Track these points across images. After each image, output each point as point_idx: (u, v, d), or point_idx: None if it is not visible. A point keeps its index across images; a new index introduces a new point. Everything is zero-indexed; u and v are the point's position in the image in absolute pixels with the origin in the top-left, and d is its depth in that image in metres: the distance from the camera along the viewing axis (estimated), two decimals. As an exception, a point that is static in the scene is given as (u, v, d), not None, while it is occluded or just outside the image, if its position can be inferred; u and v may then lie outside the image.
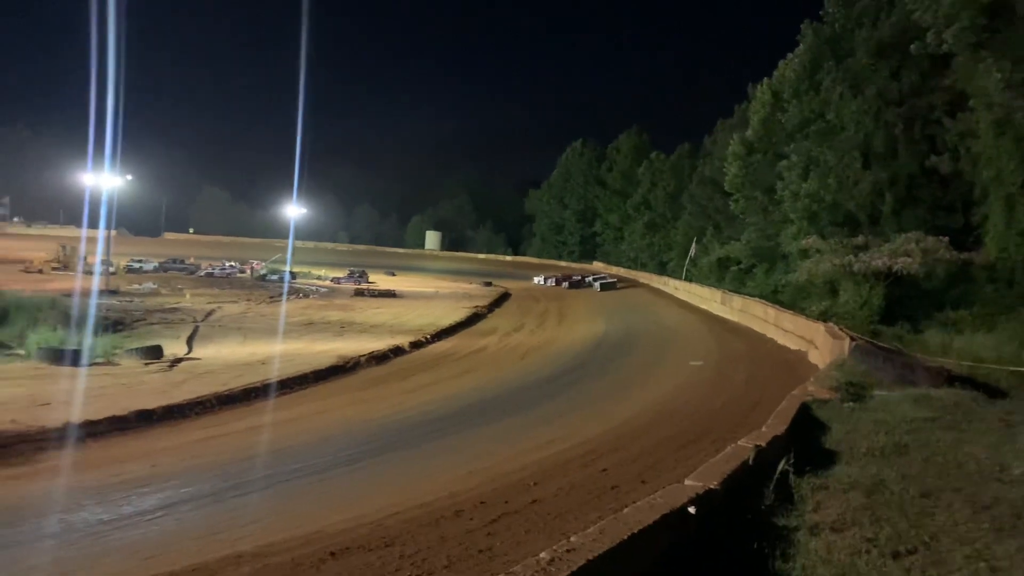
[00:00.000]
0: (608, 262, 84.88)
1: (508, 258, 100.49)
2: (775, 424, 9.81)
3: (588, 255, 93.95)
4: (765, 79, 42.58)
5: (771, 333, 30.43)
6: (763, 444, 7.95)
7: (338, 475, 11.24)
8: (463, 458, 12.31)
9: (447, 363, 23.95)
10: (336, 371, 20.88)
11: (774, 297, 37.14)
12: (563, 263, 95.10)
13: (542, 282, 66.18)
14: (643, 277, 66.73)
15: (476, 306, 40.60)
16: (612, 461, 11.64)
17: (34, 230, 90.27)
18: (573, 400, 18.09)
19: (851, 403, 13.03)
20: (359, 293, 49.04)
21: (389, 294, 48.94)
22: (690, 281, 52.42)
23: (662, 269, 67.62)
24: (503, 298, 49.38)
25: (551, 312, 41.43)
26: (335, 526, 7.77)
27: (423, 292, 53.01)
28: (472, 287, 59.25)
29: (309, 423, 15.47)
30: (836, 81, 35.86)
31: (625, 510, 5.00)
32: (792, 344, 27.30)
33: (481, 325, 34.78)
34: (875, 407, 12.67)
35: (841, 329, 23.65)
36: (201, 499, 9.73)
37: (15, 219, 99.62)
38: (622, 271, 75.24)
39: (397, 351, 24.85)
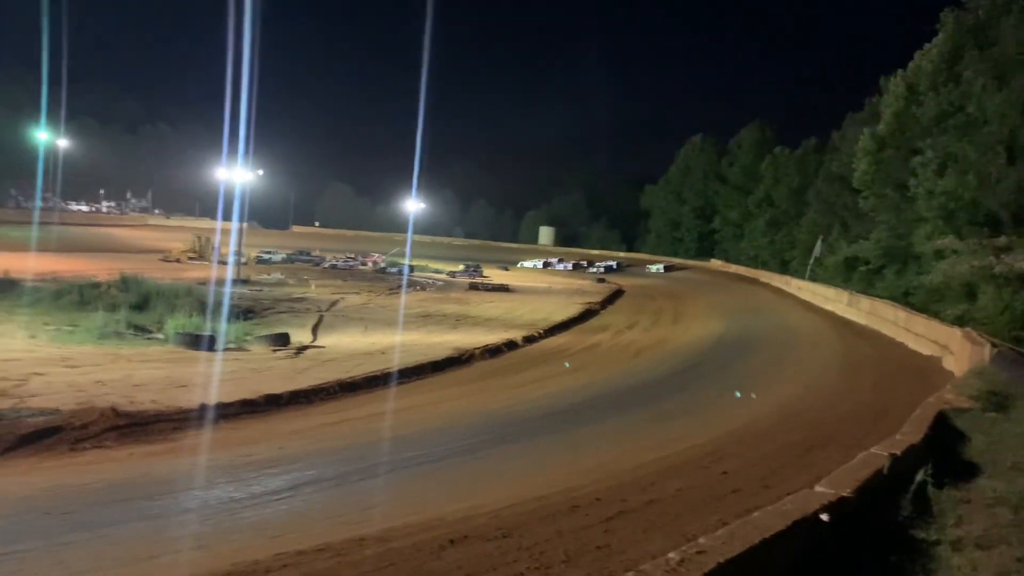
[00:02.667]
0: (727, 260, 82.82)
1: (622, 254, 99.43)
2: (910, 432, 9.27)
3: (706, 252, 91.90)
4: (899, 71, 40.39)
5: (901, 337, 28.89)
6: (898, 452, 7.53)
7: (455, 464, 11.38)
8: (578, 454, 12.24)
9: (560, 359, 23.88)
10: (452, 363, 21.20)
11: (905, 300, 35.24)
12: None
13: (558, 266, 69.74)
14: (764, 276, 64.74)
15: (589, 302, 40.39)
16: (732, 464, 11.31)
17: (173, 222, 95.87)
18: (689, 400, 17.70)
19: (993, 413, 12.19)
20: (474, 287, 49.67)
21: (503, 288, 49.33)
22: (814, 281, 50.45)
23: (784, 268, 65.43)
24: (616, 295, 48.94)
25: (666, 310, 40.74)
26: (453, 514, 7.87)
27: (536, 287, 53.16)
28: (585, 283, 59.01)
29: (426, 412, 15.76)
30: (979, 72, 33.61)
31: (754, 514, 4.82)
32: (924, 349, 25.84)
33: (594, 321, 34.56)
34: (1021, 418, 11.80)
35: (980, 335, 22.20)
36: (325, 482, 10.06)
37: (156, 211, 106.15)
38: (742, 269, 73.27)
39: (510, 345, 24.99)
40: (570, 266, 78.18)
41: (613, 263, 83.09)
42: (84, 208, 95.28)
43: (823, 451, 12.05)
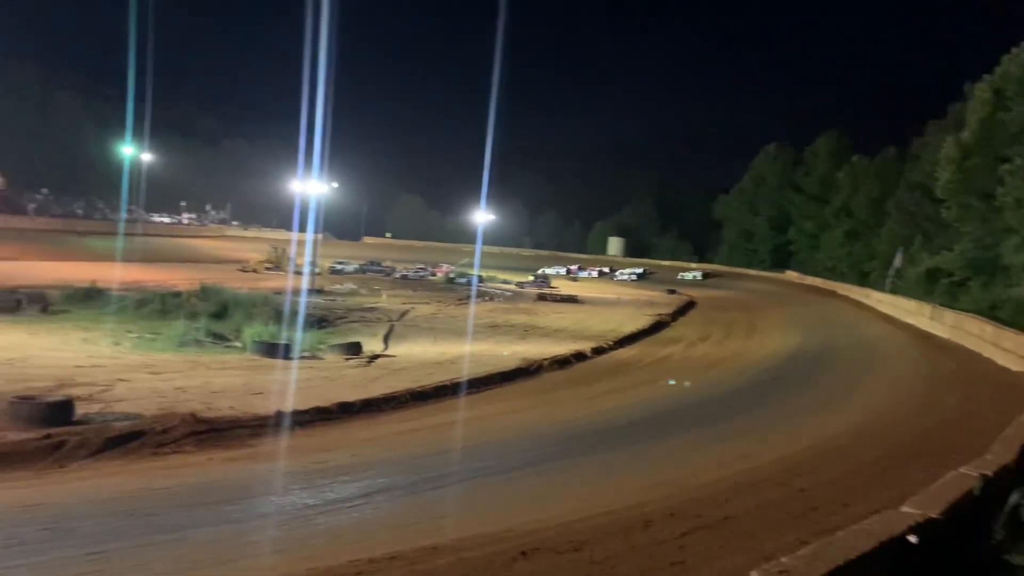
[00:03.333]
0: (802, 271, 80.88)
1: (693, 266, 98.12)
2: (1001, 452, 8.81)
3: (780, 264, 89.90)
4: (985, 76, 38.88)
5: (988, 352, 27.66)
6: (990, 473, 7.16)
7: (525, 476, 11.34)
8: (649, 468, 12.06)
9: (630, 371, 23.66)
10: (520, 373, 21.17)
11: (992, 313, 33.78)
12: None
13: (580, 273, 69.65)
14: (841, 288, 62.99)
15: (659, 314, 39.93)
16: (810, 481, 10.97)
17: (250, 233, 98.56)
18: (765, 415, 17.27)
19: (1093, 434, 11.53)
20: (542, 298, 49.67)
21: (571, 299, 49.18)
22: (894, 293, 48.82)
23: (863, 280, 63.50)
24: (688, 307, 48.29)
25: (740, 323, 39.97)
26: (524, 526, 7.83)
27: (605, 298, 52.85)
28: (655, 294, 58.42)
29: (495, 423, 15.77)
30: (1072, 75, 32.13)
31: (838, 534, 4.63)
32: (1014, 365, 24.68)
33: (665, 333, 34.16)
34: (1122, 440, 11.13)
35: (1076, 351, 21.11)
36: (397, 490, 10.13)
37: (234, 223, 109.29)
38: (818, 281, 71.45)
39: (579, 356, 24.84)
40: (595, 273, 78.95)
41: (639, 270, 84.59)
42: (166, 220, 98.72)
43: (905, 469, 11.61)
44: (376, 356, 22.46)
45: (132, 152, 75.12)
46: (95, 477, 10.18)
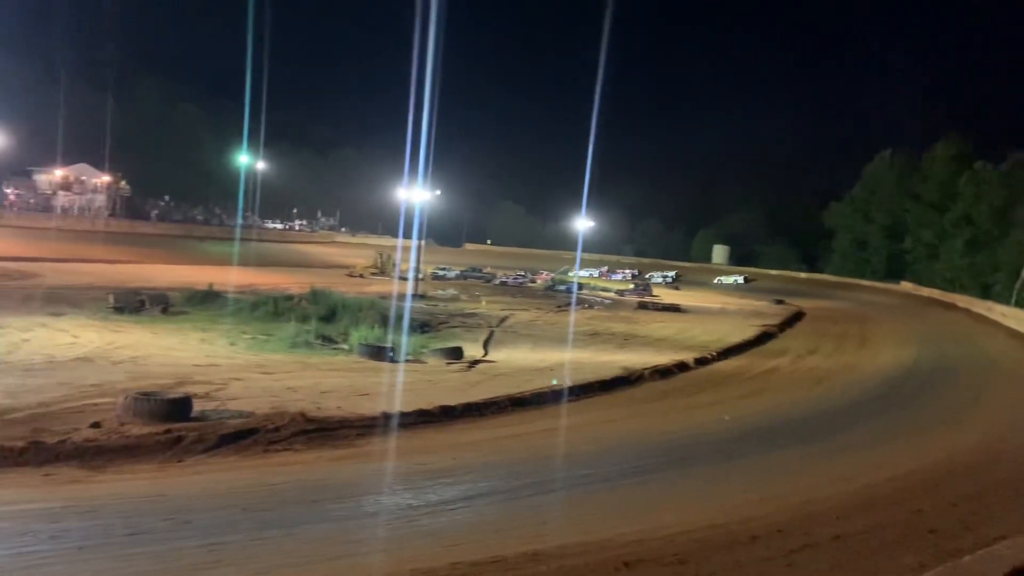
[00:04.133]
0: (918, 282, 77.07)
1: (803, 275, 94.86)
2: None
3: (895, 274, 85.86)
4: None
5: None
6: None
7: (626, 486, 11.20)
8: (755, 482, 11.70)
9: (735, 382, 23.07)
10: (620, 382, 20.91)
11: None
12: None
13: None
14: (961, 301, 59.67)
15: (766, 324, 38.78)
16: (928, 502, 10.42)
17: (357, 239, 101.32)
18: (878, 432, 16.53)
19: None
20: (643, 306, 49.05)
21: (673, 308, 48.39)
22: (1021, 307, 45.95)
23: (985, 293, 60.05)
24: (796, 317, 46.73)
25: (851, 335, 38.42)
26: (626, 536, 7.72)
27: (709, 307, 51.80)
28: (762, 304, 56.84)
29: (595, 431, 15.64)
30: None
31: (964, 559, 4.36)
32: None
33: (772, 345, 33.14)
34: None
35: None
36: (497, 495, 10.18)
37: (342, 229, 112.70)
38: (935, 292, 67.97)
39: (682, 366, 24.37)
40: (628, 275, 78.25)
41: (671, 273, 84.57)
42: (279, 226, 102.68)
43: (1035, 494, 10.89)
44: (477, 361, 22.65)
45: (247, 161, 78.65)
46: (211, 472, 10.63)
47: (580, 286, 58.86)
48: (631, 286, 63.20)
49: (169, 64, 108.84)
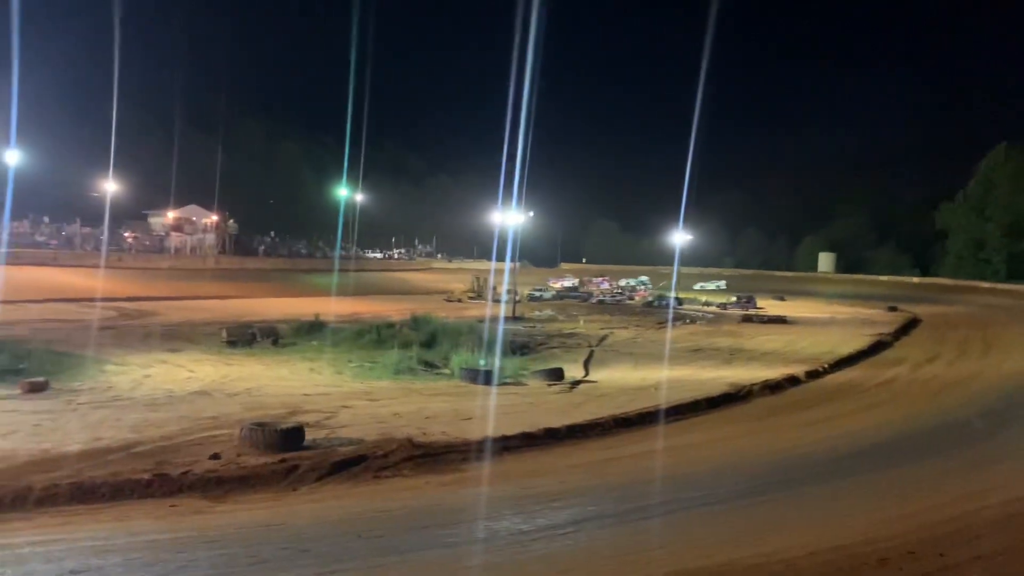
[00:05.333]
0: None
1: (915, 280, 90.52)
2: None
3: (1019, 275, 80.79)
4: None
5: None
6: None
7: (739, 507, 10.82)
8: (879, 501, 11.12)
9: (849, 395, 22.13)
10: (728, 399, 20.34)
11: None
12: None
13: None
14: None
15: (880, 333, 37.10)
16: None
17: (453, 264, 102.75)
18: (1011, 444, 15.50)
19: None
20: (747, 319, 47.78)
21: (779, 320, 46.91)
22: None
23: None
24: (911, 324, 44.57)
25: (973, 340, 36.30)
26: (745, 560, 7.44)
27: (816, 318, 49.99)
28: (873, 312, 54.47)
29: (704, 451, 15.24)
30: None
31: None
32: None
33: (887, 354, 31.67)
34: None
35: None
36: (608, 518, 10.00)
37: (439, 255, 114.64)
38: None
39: (792, 380, 23.53)
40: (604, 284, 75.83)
41: (716, 282, 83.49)
42: (379, 255, 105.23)
43: None
44: (578, 382, 22.48)
45: (346, 194, 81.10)
46: (324, 499, 10.86)
47: (680, 301, 57.87)
48: (733, 299, 61.66)
49: (270, 104, 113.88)
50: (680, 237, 71.55)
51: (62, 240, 66.96)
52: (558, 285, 70.38)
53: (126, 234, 74.25)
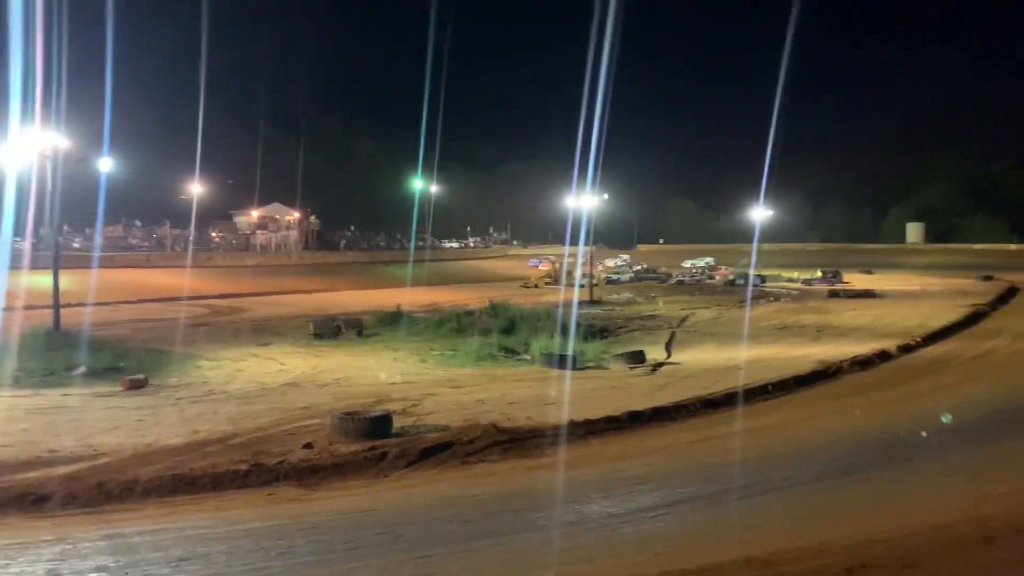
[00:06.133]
0: None
1: (1012, 247, 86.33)
2: None
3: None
4: None
5: None
6: None
7: (833, 486, 10.55)
8: (982, 478, 10.67)
9: (944, 369, 21.38)
10: (817, 377, 19.88)
11: None
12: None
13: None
14: None
15: (974, 304, 35.65)
16: None
17: (529, 250, 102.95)
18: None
19: None
20: (833, 294, 46.54)
21: (867, 294, 45.56)
22: None
23: None
24: (1010, 294, 42.67)
25: (1077, 308, 34.55)
26: (842, 540, 7.23)
27: (906, 291, 48.31)
28: (968, 283, 52.35)
29: (793, 430, 14.96)
30: None
31: None
32: None
33: (984, 325, 30.45)
34: None
35: None
36: (697, 500, 9.90)
37: (514, 242, 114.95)
38: None
39: (883, 356, 22.83)
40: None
41: (705, 259, 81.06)
42: (455, 244, 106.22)
43: None
44: (660, 364, 22.29)
45: (422, 186, 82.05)
46: (414, 485, 11.07)
47: (763, 278, 56.63)
48: (819, 274, 60.05)
49: (345, 102, 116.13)
50: (761, 213, 69.81)
51: (154, 242, 69.78)
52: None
53: (213, 234, 76.84)
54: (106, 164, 43.62)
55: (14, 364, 18.79)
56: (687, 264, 77.62)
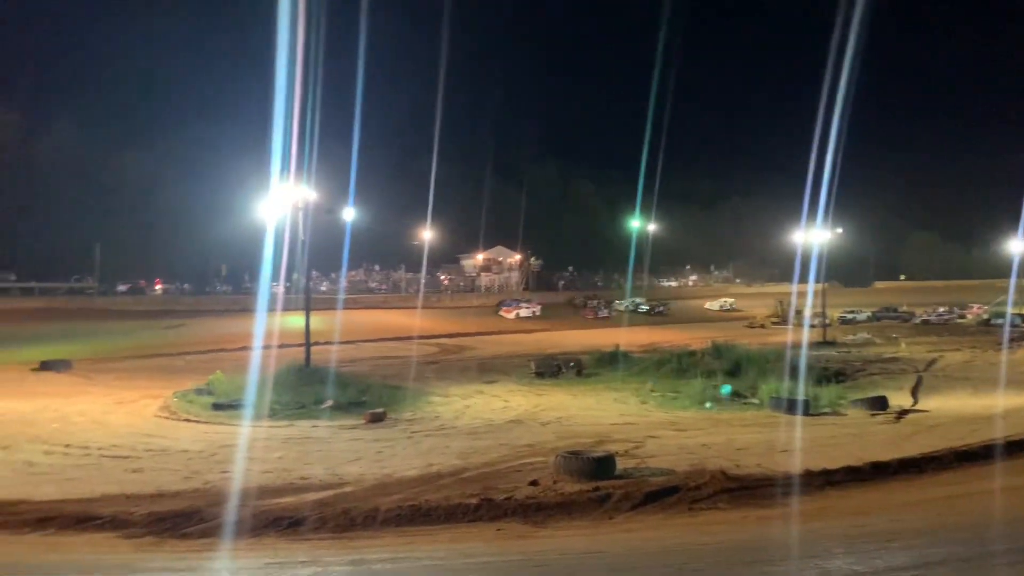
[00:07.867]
0: None
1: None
2: None
3: None
4: None
5: None
6: None
7: None
8: None
9: None
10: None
11: None
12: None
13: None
14: None
15: None
16: None
17: (752, 289, 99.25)
18: None
19: None
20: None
21: None
22: None
23: None
24: None
25: None
26: None
27: None
28: None
29: (1068, 490, 13.11)
30: None
31: None
32: None
33: None
34: None
35: None
36: (959, 562, 8.85)
37: (736, 280, 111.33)
38: None
39: None
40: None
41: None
42: (673, 283, 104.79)
43: None
44: (905, 411, 20.55)
45: (639, 225, 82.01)
46: (640, 529, 10.85)
47: (1023, 317, 50.71)
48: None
49: (564, 147, 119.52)
50: (1020, 246, 62.60)
51: (390, 285, 75.10)
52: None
53: (442, 276, 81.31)
54: (350, 214, 47.62)
55: (271, 397, 20.83)
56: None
